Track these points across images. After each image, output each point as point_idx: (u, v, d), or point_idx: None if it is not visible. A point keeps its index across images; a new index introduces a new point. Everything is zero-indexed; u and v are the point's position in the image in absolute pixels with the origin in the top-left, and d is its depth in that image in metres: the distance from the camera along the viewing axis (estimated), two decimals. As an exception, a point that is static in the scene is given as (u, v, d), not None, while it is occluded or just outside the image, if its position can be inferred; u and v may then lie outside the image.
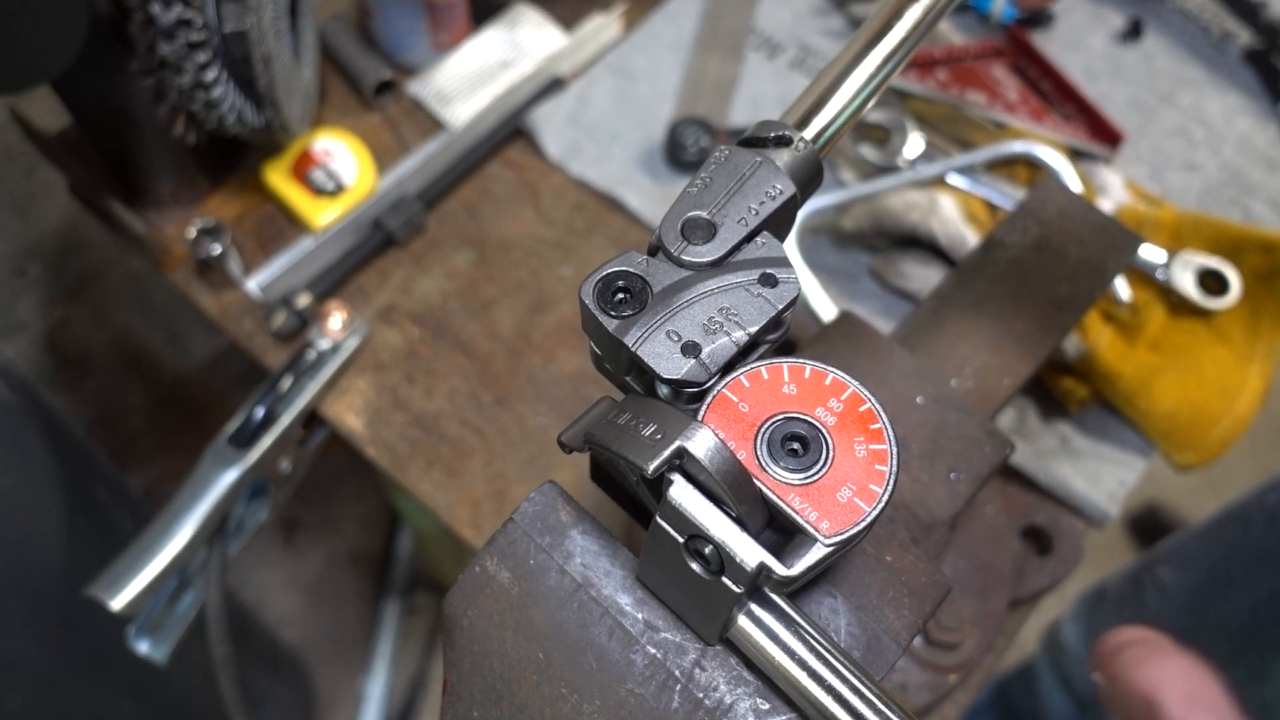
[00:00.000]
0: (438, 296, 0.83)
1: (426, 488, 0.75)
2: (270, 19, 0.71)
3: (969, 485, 0.49)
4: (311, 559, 1.56)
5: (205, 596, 0.72)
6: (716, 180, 0.35)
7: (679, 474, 0.31)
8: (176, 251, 0.83)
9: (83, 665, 0.81)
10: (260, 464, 0.72)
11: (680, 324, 0.33)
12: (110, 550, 0.68)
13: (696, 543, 0.31)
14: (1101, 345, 0.72)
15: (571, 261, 0.85)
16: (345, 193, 0.85)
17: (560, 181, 0.90)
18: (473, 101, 0.92)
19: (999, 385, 0.54)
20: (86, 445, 0.86)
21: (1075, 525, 0.72)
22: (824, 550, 0.30)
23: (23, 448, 0.72)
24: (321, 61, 0.92)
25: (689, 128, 0.87)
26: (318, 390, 0.76)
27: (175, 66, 0.69)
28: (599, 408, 0.36)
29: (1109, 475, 0.74)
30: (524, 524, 0.37)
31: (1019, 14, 0.95)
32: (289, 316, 0.78)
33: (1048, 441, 0.76)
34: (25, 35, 0.61)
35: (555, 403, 0.78)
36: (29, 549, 0.73)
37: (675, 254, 0.34)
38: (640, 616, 0.36)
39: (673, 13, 0.99)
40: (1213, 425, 0.71)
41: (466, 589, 0.37)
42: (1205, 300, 0.73)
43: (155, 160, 0.81)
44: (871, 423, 0.32)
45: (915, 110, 0.86)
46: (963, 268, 0.59)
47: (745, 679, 0.35)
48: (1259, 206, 0.88)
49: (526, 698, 0.35)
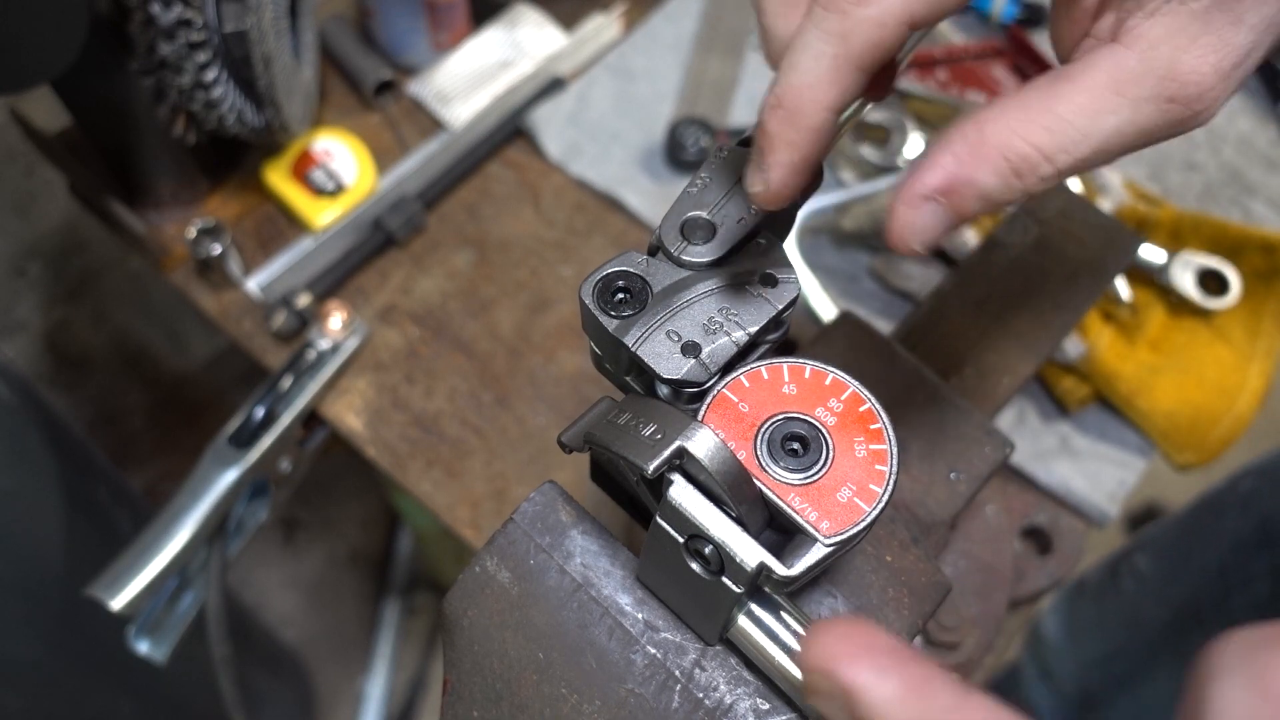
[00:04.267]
0: (438, 296, 0.83)
1: (426, 488, 0.75)
2: (270, 19, 0.71)
3: (969, 485, 0.49)
4: (311, 559, 1.56)
5: (205, 596, 0.72)
6: (716, 180, 0.35)
7: (679, 474, 0.31)
8: (176, 251, 0.83)
9: (83, 665, 0.81)
10: (260, 464, 0.72)
11: (680, 324, 0.33)
12: (110, 550, 0.68)
13: (696, 543, 0.31)
14: (1101, 345, 0.72)
15: (571, 261, 0.85)
16: (345, 193, 0.85)
17: (560, 181, 0.90)
18: (473, 101, 0.92)
19: (999, 385, 0.54)
20: (86, 445, 0.86)
21: (1075, 525, 0.72)
22: (824, 550, 0.30)
23: (23, 448, 0.72)
24: (321, 61, 0.92)
25: (689, 128, 0.87)
26: (318, 390, 0.76)
27: (175, 66, 0.69)
28: (599, 408, 0.36)
29: (1109, 475, 0.74)
30: (524, 524, 0.37)
31: (1019, 14, 0.95)
32: (289, 316, 0.78)
33: (1048, 441, 0.76)
34: (25, 35, 0.61)
35: (555, 403, 0.78)
36: (29, 549, 0.73)
37: (675, 254, 0.34)
38: (640, 616, 0.36)
39: (673, 13, 0.99)
40: (1213, 425, 0.71)
41: (466, 589, 0.37)
42: (1205, 300, 0.73)
43: (155, 160, 0.81)
44: (871, 423, 0.32)
45: (915, 110, 0.86)
46: (963, 268, 0.59)
47: (745, 679, 0.35)
48: (1259, 206, 0.88)
49: (526, 698, 0.35)
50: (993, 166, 0.29)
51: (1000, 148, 0.29)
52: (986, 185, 0.29)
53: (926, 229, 0.30)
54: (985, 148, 0.29)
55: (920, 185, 0.29)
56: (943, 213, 0.30)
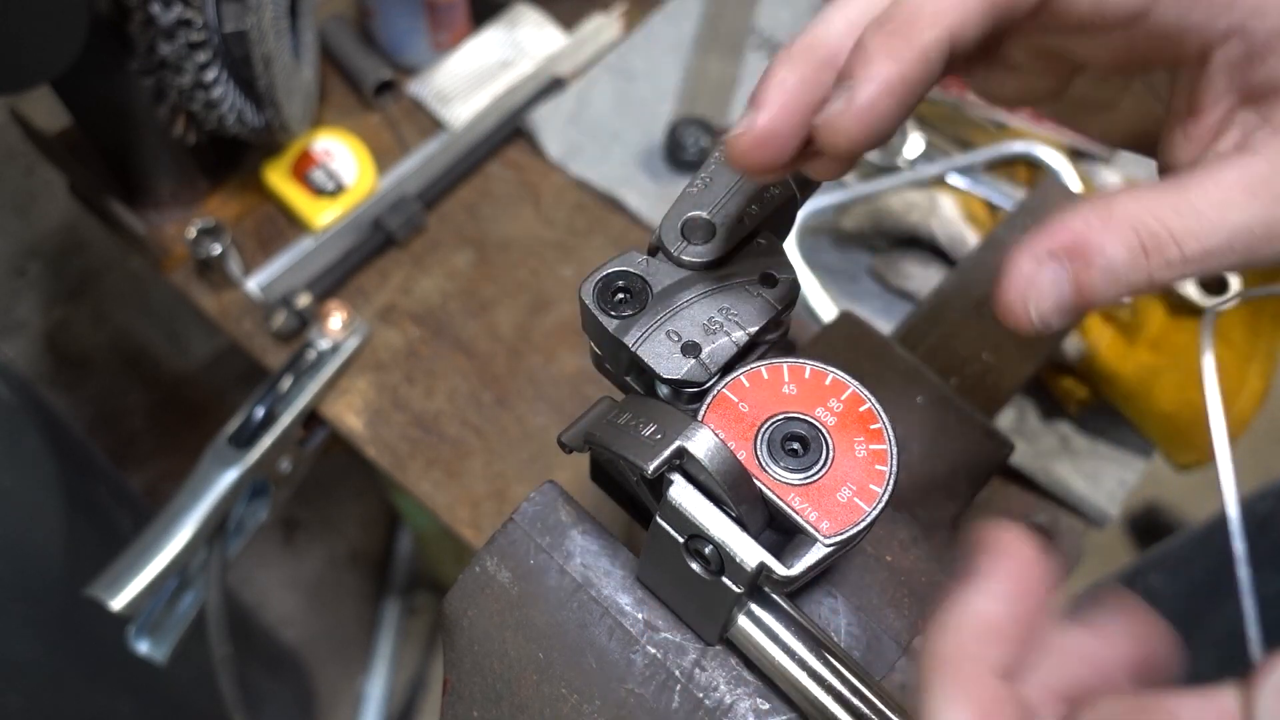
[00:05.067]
0: (438, 296, 0.83)
1: (426, 488, 0.75)
2: (270, 19, 0.71)
3: (969, 485, 0.49)
4: (311, 559, 1.56)
5: (205, 596, 0.72)
6: (716, 180, 0.35)
7: (679, 474, 0.31)
8: (176, 251, 0.83)
9: (83, 665, 0.81)
10: (260, 464, 0.72)
11: (680, 324, 0.33)
12: (110, 550, 0.68)
13: (696, 543, 0.31)
14: (1101, 345, 0.72)
15: (571, 261, 0.85)
16: (345, 193, 0.85)
17: (560, 181, 0.90)
18: (473, 101, 0.92)
19: (999, 385, 0.54)
20: (86, 445, 0.86)
21: (1075, 525, 0.72)
22: (824, 550, 0.30)
23: (23, 448, 0.72)
24: (321, 61, 0.92)
25: (689, 128, 0.87)
26: (318, 390, 0.76)
27: (175, 66, 0.69)
28: (599, 408, 0.36)
29: (1109, 475, 0.74)
30: (524, 524, 0.37)
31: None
32: (289, 316, 0.78)
33: (1048, 441, 0.76)
34: (25, 35, 0.61)
35: (555, 403, 0.78)
36: (29, 549, 0.73)
37: (675, 254, 0.34)
38: (640, 616, 0.36)
39: (673, 13, 0.99)
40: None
41: (466, 589, 0.37)
42: (1205, 300, 0.73)
43: (155, 160, 0.81)
44: (871, 423, 0.32)
45: (915, 110, 0.86)
46: (963, 268, 0.59)
47: (745, 679, 0.35)
48: (1259, 206, 0.88)
49: (526, 698, 0.35)
50: (1122, 238, 0.28)
51: (1130, 220, 0.28)
52: (1114, 256, 0.28)
53: (1045, 294, 0.29)
54: (1114, 219, 0.28)
55: (1047, 242, 0.28)
56: (1065, 280, 0.28)
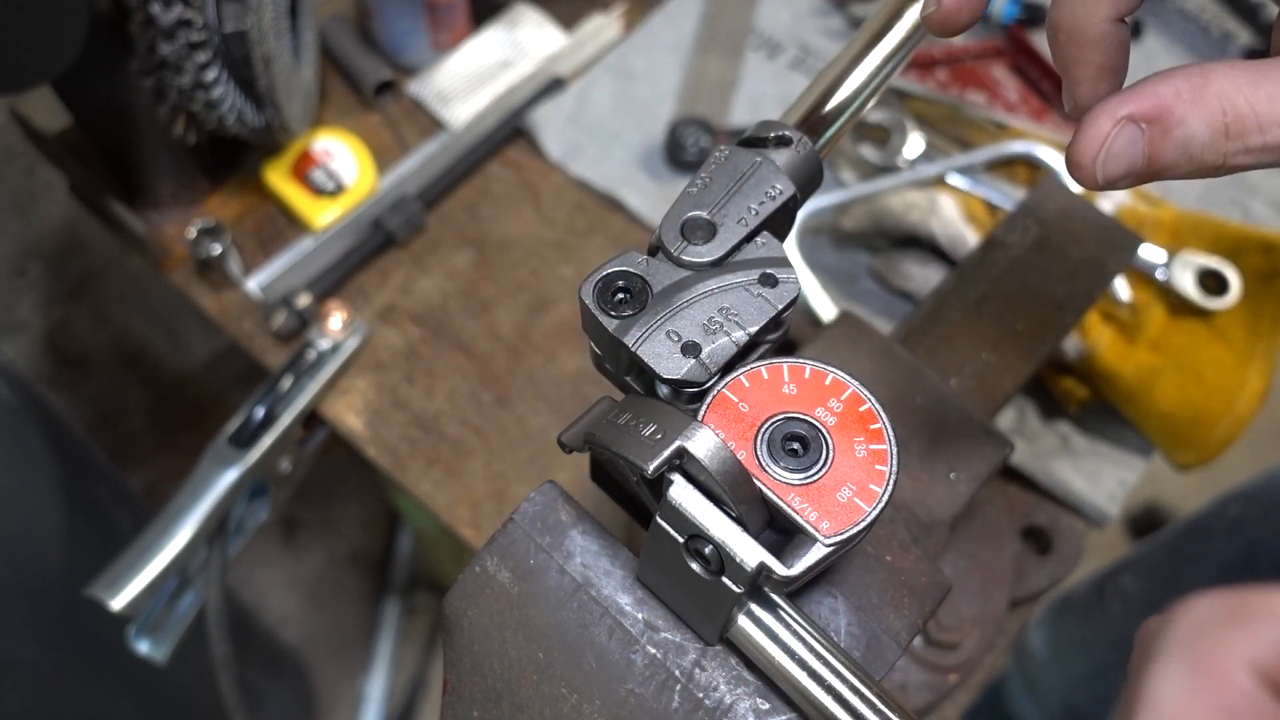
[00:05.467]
0: (438, 296, 0.83)
1: (426, 488, 0.75)
2: (270, 19, 0.71)
3: (969, 485, 0.49)
4: (311, 559, 1.56)
5: (205, 596, 0.72)
6: (716, 180, 0.35)
7: (679, 474, 0.31)
8: (176, 251, 0.83)
9: (83, 665, 0.81)
10: (260, 464, 0.72)
11: (680, 324, 0.33)
12: (110, 550, 0.68)
13: (696, 543, 0.31)
14: (1101, 345, 0.72)
15: (571, 261, 0.85)
16: (345, 193, 0.85)
17: (560, 181, 0.90)
18: (473, 101, 0.92)
19: (999, 385, 0.54)
20: (86, 445, 0.86)
21: (1075, 525, 0.72)
22: (824, 550, 0.30)
23: (23, 448, 0.72)
24: (321, 61, 0.92)
25: (689, 128, 0.87)
26: (318, 390, 0.76)
27: (175, 66, 0.69)
28: (599, 408, 0.36)
29: (1109, 475, 0.74)
30: (524, 524, 0.37)
31: (1019, 14, 0.95)
32: (289, 316, 0.78)
33: (1048, 441, 0.76)
34: (25, 35, 0.61)
35: (555, 403, 0.78)
36: (29, 549, 0.73)
37: (675, 254, 0.34)
38: (640, 616, 0.36)
39: (673, 13, 0.99)
40: (1212, 425, 0.71)
41: (466, 589, 0.37)
42: (1205, 300, 0.73)
43: (155, 160, 0.81)
44: (871, 423, 0.32)
45: (915, 110, 0.86)
46: (963, 268, 0.59)
47: (745, 679, 0.35)
48: (1259, 206, 0.88)
49: (526, 697, 0.35)
50: (1208, 115, 0.27)
51: (1221, 97, 0.27)
52: (1194, 132, 0.27)
53: (1117, 156, 0.28)
54: (1207, 92, 0.27)
55: (1129, 104, 0.27)
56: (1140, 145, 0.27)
